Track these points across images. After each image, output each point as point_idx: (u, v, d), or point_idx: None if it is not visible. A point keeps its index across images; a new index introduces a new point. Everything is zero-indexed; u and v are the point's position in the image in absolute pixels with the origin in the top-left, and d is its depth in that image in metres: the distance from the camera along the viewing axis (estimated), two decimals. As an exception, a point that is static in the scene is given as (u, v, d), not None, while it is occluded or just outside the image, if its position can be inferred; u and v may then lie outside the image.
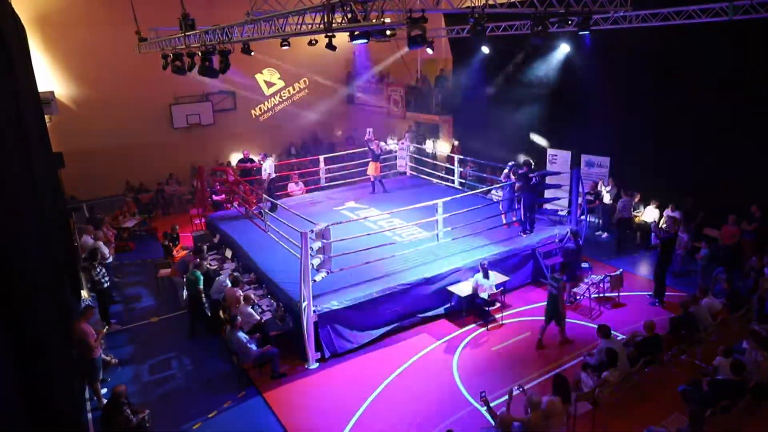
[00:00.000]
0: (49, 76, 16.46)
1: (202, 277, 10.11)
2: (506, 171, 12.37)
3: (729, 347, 7.72)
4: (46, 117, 14.84)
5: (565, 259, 10.81)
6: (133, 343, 10.17)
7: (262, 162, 15.51)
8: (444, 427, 7.35)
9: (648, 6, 10.88)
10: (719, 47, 11.22)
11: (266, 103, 20.90)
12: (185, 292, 11.19)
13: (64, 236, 11.54)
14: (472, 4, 8.86)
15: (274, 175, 15.01)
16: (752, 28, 10.06)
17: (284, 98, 21.28)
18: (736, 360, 7.22)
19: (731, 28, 10.12)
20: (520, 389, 6.97)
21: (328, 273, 9.58)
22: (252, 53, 12.07)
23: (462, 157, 16.02)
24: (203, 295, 10.11)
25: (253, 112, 20.67)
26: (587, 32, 10.69)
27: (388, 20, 7.01)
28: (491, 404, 6.71)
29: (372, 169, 15.34)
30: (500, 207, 12.45)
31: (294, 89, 21.42)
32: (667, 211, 11.95)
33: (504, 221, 12.30)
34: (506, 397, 6.85)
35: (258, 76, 20.40)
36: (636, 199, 13.41)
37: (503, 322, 10.18)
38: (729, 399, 6.74)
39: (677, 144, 12.77)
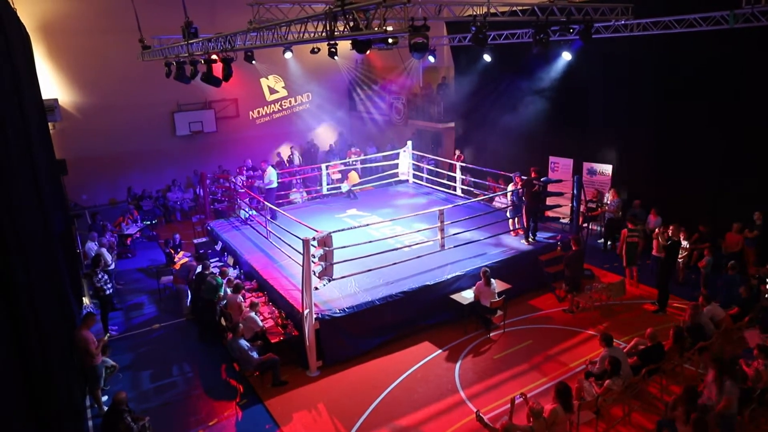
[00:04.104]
0: (53, 84, 16.54)
1: (224, 283, 10.12)
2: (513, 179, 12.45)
3: (733, 355, 7.66)
4: (50, 124, 14.92)
5: (567, 266, 10.78)
6: (135, 351, 10.14)
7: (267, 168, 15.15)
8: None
9: (649, 14, 10.92)
10: (720, 55, 11.24)
11: (265, 108, 20.97)
12: (188, 300, 11.21)
13: (66, 243, 11.55)
14: (474, 13, 8.92)
15: (275, 185, 14.94)
16: (754, 36, 10.10)
17: (284, 107, 21.35)
18: (739, 369, 7.18)
19: (733, 36, 10.15)
20: (523, 397, 6.94)
21: (329, 280, 9.58)
22: (254, 62, 12.12)
23: (464, 164, 16.01)
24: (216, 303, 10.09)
25: (251, 113, 20.73)
26: (582, 43, 10.68)
27: (390, 28, 7.02)
28: (488, 417, 6.66)
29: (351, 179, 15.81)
30: (507, 214, 12.53)
31: (296, 101, 21.50)
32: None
33: (511, 228, 12.33)
34: (508, 405, 6.82)
35: (263, 81, 20.52)
36: (636, 208, 13.35)
37: (505, 330, 10.15)
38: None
39: (679, 151, 12.76)
